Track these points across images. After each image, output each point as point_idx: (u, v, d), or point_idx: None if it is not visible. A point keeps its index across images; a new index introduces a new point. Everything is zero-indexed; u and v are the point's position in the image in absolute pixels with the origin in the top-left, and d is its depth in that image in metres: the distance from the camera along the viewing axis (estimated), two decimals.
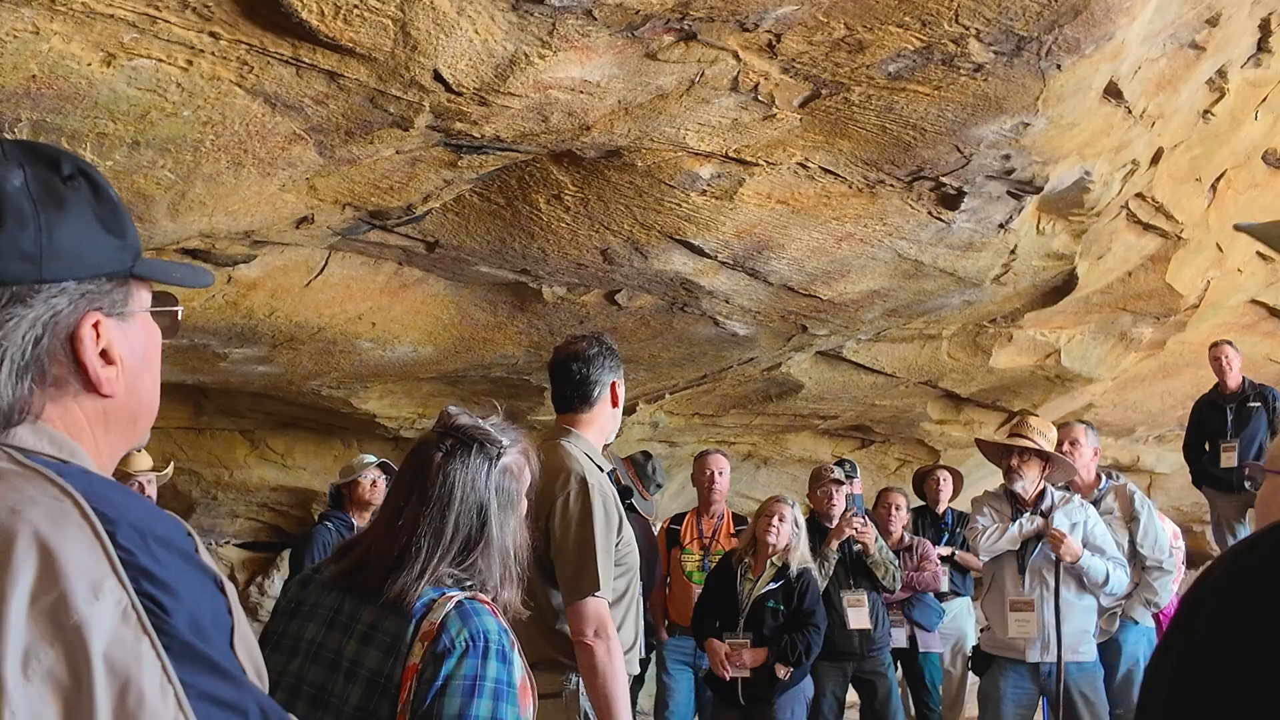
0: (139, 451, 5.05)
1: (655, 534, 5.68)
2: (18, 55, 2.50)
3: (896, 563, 5.36)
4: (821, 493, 5.54)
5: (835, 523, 5.33)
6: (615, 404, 2.94)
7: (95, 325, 0.98)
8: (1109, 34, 3.34)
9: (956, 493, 6.70)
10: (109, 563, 0.85)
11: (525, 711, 1.68)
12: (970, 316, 6.21)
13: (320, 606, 1.80)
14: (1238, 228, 0.90)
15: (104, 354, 0.99)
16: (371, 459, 5.19)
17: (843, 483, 5.53)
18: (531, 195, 3.98)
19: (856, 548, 5.26)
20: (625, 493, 4.56)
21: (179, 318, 1.09)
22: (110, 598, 0.84)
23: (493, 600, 1.77)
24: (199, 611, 0.89)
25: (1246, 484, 6.21)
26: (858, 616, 5.14)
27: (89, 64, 2.60)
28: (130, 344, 1.01)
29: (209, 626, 0.90)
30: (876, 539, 5.30)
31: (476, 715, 1.61)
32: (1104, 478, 4.85)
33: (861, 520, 5.25)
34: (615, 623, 2.71)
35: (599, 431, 2.91)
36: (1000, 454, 4.61)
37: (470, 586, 1.77)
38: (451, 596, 1.71)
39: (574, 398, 2.91)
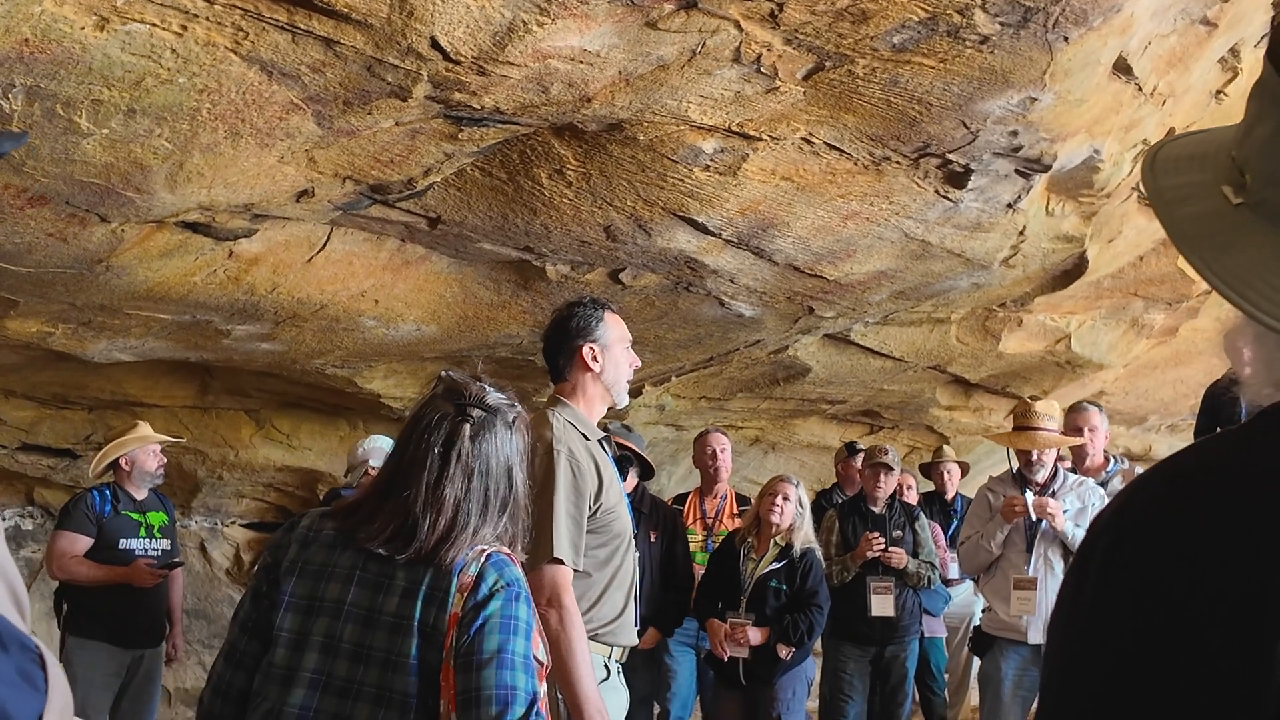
0: (141, 422, 5.06)
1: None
2: (9, 18, 2.48)
3: (936, 566, 5.28)
4: (869, 471, 5.45)
5: (878, 504, 5.30)
6: (588, 369, 2.83)
7: None
8: (1116, 5, 3.29)
9: (963, 475, 6.66)
10: None
11: (540, 653, 1.90)
12: (979, 300, 6.14)
13: (336, 566, 1.91)
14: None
15: None
16: (382, 441, 5.21)
17: (892, 469, 5.43)
18: (533, 170, 3.94)
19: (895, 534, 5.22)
20: (623, 462, 4.51)
21: None
22: None
23: (511, 551, 1.98)
24: None
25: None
26: (881, 604, 5.04)
27: (82, 28, 2.58)
28: None
29: None
30: (914, 547, 5.22)
31: (513, 650, 1.81)
32: (1112, 460, 4.82)
33: (880, 541, 5.15)
34: (598, 590, 2.66)
35: (587, 400, 2.84)
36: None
37: (499, 541, 1.97)
38: (483, 550, 1.91)
39: (551, 369, 2.89)
